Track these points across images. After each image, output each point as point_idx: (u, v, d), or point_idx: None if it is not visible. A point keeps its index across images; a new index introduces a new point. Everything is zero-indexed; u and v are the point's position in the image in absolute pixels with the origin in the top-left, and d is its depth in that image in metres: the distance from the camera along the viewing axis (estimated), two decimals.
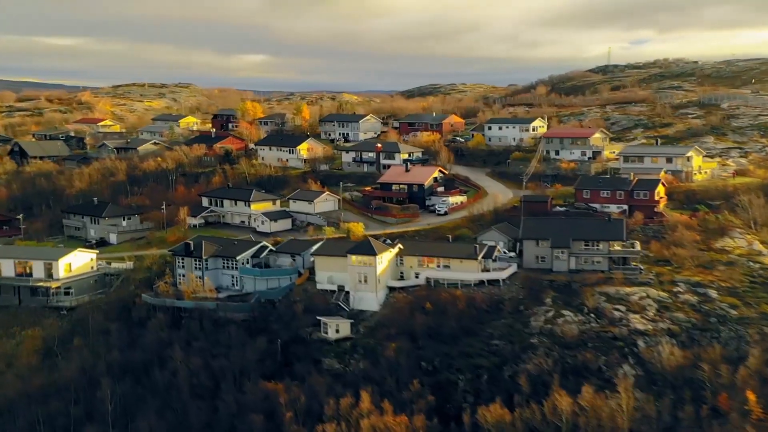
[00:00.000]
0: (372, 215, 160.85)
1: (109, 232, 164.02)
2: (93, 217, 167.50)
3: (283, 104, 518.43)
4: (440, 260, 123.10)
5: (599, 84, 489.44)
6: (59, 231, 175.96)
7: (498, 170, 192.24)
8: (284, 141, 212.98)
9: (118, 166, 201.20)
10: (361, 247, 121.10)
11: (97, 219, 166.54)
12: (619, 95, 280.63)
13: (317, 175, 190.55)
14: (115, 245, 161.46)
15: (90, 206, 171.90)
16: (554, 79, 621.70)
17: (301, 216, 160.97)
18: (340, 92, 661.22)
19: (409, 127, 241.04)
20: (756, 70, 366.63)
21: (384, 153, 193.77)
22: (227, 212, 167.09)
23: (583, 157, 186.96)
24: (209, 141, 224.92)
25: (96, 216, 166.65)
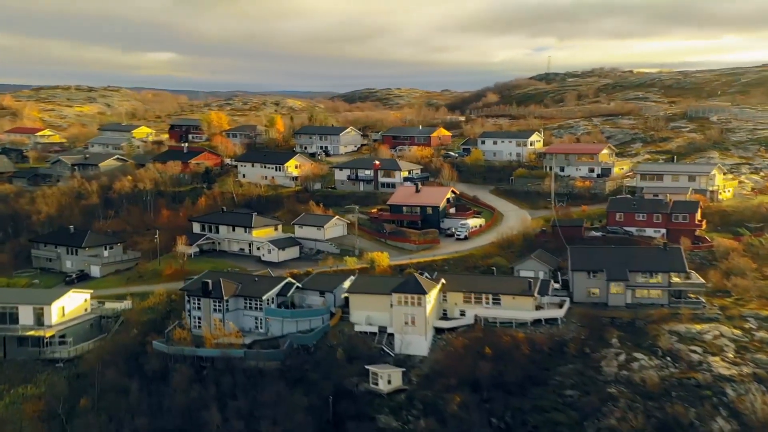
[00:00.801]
0: (386, 241, 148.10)
1: (91, 263, 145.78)
2: (70, 248, 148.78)
3: (226, 110, 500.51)
4: (489, 296, 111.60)
5: (554, 93, 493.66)
6: (26, 263, 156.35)
7: (502, 188, 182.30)
8: (269, 157, 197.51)
9: (89, 188, 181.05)
10: (407, 284, 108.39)
11: (74, 249, 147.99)
12: (603, 107, 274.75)
13: (312, 195, 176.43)
14: (98, 279, 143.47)
15: (65, 234, 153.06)
16: (500, 87, 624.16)
17: (309, 243, 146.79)
18: (254, 93, 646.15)
19: (394, 140, 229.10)
20: (716, 81, 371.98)
21: (382, 170, 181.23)
22: (223, 239, 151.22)
23: (591, 173, 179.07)
24: (181, 156, 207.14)
25: (74, 246, 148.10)
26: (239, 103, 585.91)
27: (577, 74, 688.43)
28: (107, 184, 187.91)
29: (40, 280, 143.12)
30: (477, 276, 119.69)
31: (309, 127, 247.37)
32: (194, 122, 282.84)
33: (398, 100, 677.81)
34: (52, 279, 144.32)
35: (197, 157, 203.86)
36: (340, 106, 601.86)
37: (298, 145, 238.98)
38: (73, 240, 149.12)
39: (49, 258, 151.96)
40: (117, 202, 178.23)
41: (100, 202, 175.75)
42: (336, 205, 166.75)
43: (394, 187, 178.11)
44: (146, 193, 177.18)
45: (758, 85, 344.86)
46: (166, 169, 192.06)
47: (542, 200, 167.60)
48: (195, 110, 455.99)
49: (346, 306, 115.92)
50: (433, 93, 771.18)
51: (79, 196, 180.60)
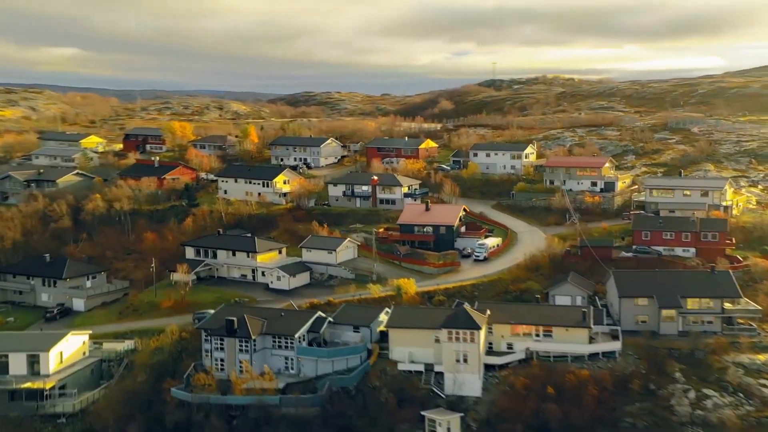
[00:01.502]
0: (401, 263, 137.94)
1: (73, 296, 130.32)
2: (47, 279, 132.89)
3: (165, 114, 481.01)
4: (540, 328, 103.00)
5: (511, 101, 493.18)
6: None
7: (505, 203, 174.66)
8: (254, 172, 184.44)
9: (59, 209, 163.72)
10: (458, 319, 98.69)
11: (52, 280, 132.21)
12: (585, 118, 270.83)
13: (309, 213, 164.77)
14: (83, 313, 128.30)
15: (39, 263, 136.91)
16: (449, 94, 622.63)
17: (320, 267, 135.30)
18: (170, 91, 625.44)
19: (379, 152, 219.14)
20: (674, 92, 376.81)
21: (381, 186, 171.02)
22: (222, 265, 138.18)
23: (594, 188, 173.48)
24: (153, 171, 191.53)
25: (52, 276, 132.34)
26: (179, 107, 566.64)
27: (522, 81, 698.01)
28: (74, 203, 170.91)
29: (14, 317, 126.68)
30: (524, 305, 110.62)
31: (285, 138, 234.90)
32: (153, 132, 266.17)
33: (344, 104, 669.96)
34: (27, 315, 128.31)
35: (172, 172, 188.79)
36: (285, 110, 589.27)
37: (273, 157, 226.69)
38: (50, 270, 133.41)
39: (20, 291, 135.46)
40: (89, 224, 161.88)
41: (72, 225, 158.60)
42: (336, 224, 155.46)
43: (394, 204, 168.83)
44: (123, 213, 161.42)
45: (715, 96, 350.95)
46: (141, 186, 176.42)
47: (551, 216, 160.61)
48: (133, 114, 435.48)
49: (381, 341, 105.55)
50: (374, 97, 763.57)
51: (45, 219, 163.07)
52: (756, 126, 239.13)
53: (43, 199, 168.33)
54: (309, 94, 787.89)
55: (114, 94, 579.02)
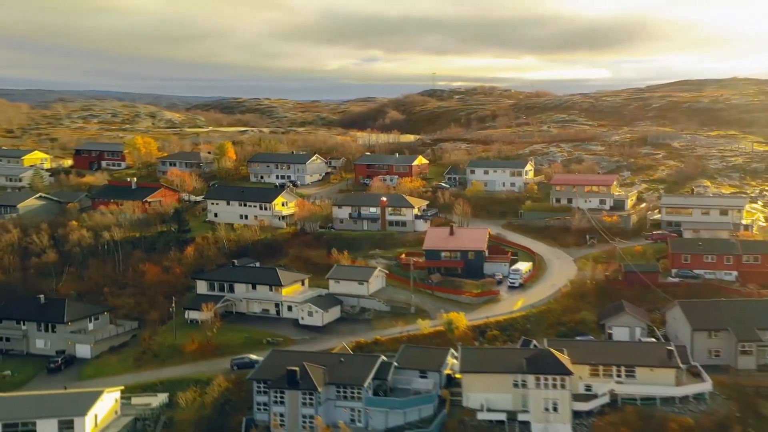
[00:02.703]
0: (434, 293, 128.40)
1: (77, 342, 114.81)
2: (44, 323, 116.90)
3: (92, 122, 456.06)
4: (622, 369, 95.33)
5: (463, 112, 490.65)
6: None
7: (516, 223, 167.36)
8: (249, 194, 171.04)
9: (39, 240, 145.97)
10: (545, 363, 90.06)
11: (50, 324, 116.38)
12: (568, 132, 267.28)
13: (317, 237, 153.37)
14: (89, 361, 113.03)
15: (32, 306, 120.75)
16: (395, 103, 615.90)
17: (351, 300, 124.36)
18: (57, 91, 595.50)
19: (368, 169, 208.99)
20: (629, 105, 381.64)
21: (390, 207, 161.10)
22: (241, 299, 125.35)
23: (602, 206, 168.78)
24: (130, 194, 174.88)
25: (49, 320, 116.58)
26: (106, 115, 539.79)
27: (462, 92, 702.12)
28: (50, 232, 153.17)
29: (9, 369, 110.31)
30: (601, 343, 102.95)
31: (265, 155, 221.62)
32: (110, 147, 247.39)
33: (276, 111, 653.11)
34: (24, 366, 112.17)
35: (154, 195, 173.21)
36: (221, 118, 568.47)
37: (252, 174, 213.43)
38: (46, 312, 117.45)
39: (8, 337, 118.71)
40: (75, 256, 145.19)
41: (58, 258, 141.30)
42: (350, 250, 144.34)
43: (404, 226, 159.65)
44: (112, 243, 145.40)
45: (669, 110, 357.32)
46: (124, 211, 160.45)
47: (569, 237, 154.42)
48: (54, 123, 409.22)
49: (449, 385, 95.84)
50: (306, 104, 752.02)
51: (24, 252, 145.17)
52: (729, 141, 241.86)
53: (15, 230, 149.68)
54: (237, 100, 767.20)
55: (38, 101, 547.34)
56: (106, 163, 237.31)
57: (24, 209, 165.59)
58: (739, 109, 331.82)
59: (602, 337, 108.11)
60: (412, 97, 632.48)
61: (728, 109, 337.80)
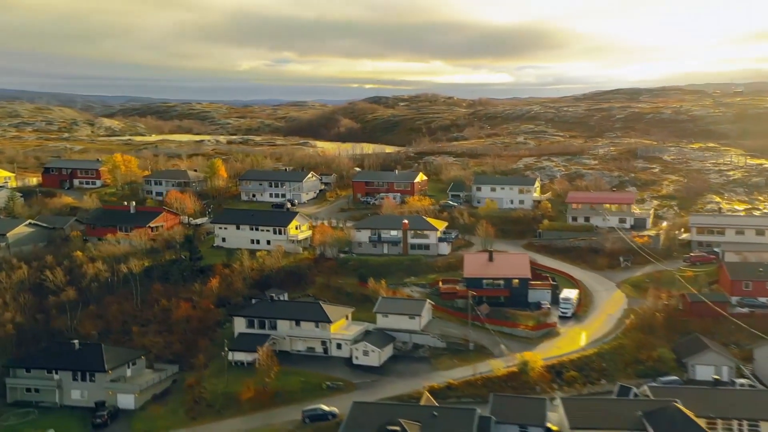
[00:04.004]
0: (484, 325, 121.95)
1: (119, 392, 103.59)
2: (81, 372, 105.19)
3: (26, 131, 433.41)
4: (744, 423, 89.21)
5: (420, 121, 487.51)
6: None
7: (536, 243, 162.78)
8: (260, 217, 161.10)
9: (56, 277, 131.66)
10: (673, 420, 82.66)
11: (90, 373, 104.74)
12: (555, 146, 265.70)
13: (342, 264, 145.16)
14: (135, 412, 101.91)
15: (65, 352, 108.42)
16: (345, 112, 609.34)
17: (402, 335, 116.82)
18: None
19: (366, 186, 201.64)
20: (594, 116, 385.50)
21: (412, 230, 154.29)
22: (284, 336, 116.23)
23: (623, 224, 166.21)
24: (130, 219, 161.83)
25: (88, 369, 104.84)
26: (40, 122, 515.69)
27: (405, 99, 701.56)
28: (54, 263, 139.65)
29: (53, 426, 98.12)
30: (716, 391, 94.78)
31: (257, 172, 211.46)
32: (84, 164, 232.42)
33: (209, 116, 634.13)
34: (65, 422, 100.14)
35: (156, 220, 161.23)
36: (162, 125, 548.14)
37: (243, 193, 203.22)
38: (82, 360, 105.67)
39: (37, 388, 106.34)
40: (92, 291, 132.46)
41: (77, 296, 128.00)
42: (379, 277, 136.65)
43: (427, 249, 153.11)
44: (131, 276, 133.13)
45: (635, 120, 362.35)
46: (132, 239, 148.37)
47: (599, 258, 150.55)
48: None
49: None
50: (239, 108, 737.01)
51: (39, 289, 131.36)
52: (716, 154, 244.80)
53: (24, 264, 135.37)
54: (167, 104, 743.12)
55: None
56: (79, 182, 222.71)
57: (13, 238, 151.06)
58: (705, 121, 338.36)
59: (685, 377, 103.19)
60: (359, 104, 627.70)
61: (693, 120, 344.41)
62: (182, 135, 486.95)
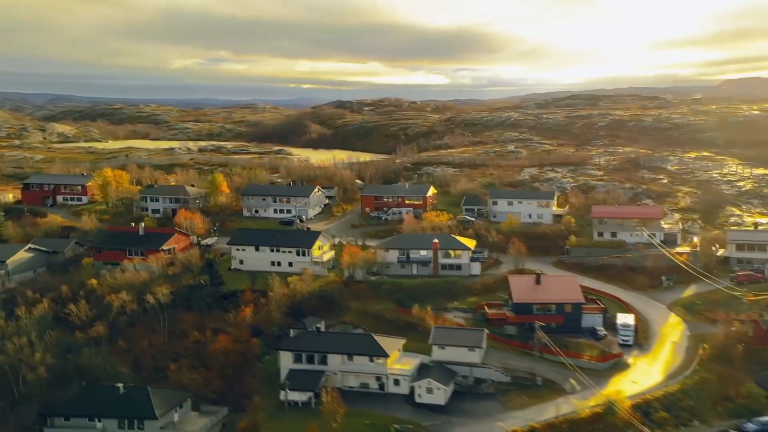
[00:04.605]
0: (541, 355, 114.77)
1: None
2: (128, 419, 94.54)
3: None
4: None
5: (395, 127, 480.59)
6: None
7: (567, 261, 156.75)
8: (280, 238, 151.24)
9: (81, 312, 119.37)
10: None
11: (138, 421, 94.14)
12: (556, 156, 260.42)
13: (375, 287, 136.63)
14: None
15: (109, 397, 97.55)
16: (311, 116, 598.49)
17: (462, 369, 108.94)
18: None
19: (377, 201, 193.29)
20: (576, 124, 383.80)
21: (442, 250, 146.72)
22: (336, 372, 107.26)
23: (652, 240, 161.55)
24: (140, 242, 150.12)
25: (137, 416, 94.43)
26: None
27: (369, 103, 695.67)
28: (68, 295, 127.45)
29: None
30: None
31: (260, 187, 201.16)
32: (68, 180, 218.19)
33: (159, 118, 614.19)
34: None
35: (169, 242, 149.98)
36: (117, 130, 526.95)
37: (245, 208, 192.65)
38: (129, 405, 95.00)
39: None
40: (120, 325, 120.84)
41: (107, 331, 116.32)
42: (414, 300, 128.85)
43: (459, 269, 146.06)
44: (159, 306, 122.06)
45: (618, 128, 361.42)
46: (150, 264, 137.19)
47: (638, 277, 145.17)
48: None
49: None
50: (190, 111, 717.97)
51: (62, 324, 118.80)
52: (717, 164, 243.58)
53: (43, 297, 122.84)
54: (112, 106, 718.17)
55: None
56: (63, 198, 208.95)
57: (13, 265, 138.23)
58: (689, 129, 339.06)
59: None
60: (325, 109, 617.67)
61: (676, 128, 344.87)
62: (141, 141, 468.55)
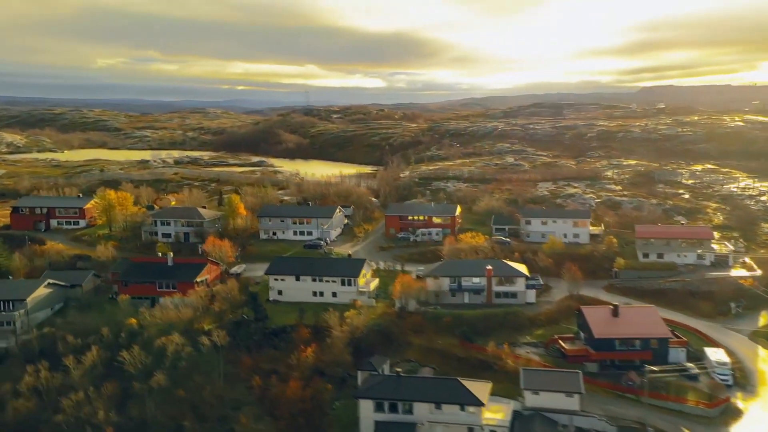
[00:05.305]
0: (639, 398, 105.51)
1: None
2: None
3: None
4: None
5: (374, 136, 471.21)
6: None
7: (619, 285, 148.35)
8: (322, 266, 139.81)
9: (133, 358, 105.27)
10: None
11: None
12: (566, 170, 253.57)
13: (431, 320, 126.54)
14: None
15: None
16: (284, 125, 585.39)
17: (560, 417, 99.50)
18: None
19: (402, 221, 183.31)
20: (567, 134, 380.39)
21: (496, 277, 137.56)
22: (423, 422, 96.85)
23: (702, 261, 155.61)
24: (170, 273, 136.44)
25: None
26: None
27: (336, 110, 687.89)
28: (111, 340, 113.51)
29: None
30: None
31: (278, 208, 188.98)
32: (64, 202, 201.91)
33: (107, 124, 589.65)
34: None
35: (202, 273, 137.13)
36: (71, 139, 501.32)
37: (262, 231, 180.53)
38: None
39: None
40: (177, 372, 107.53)
41: (168, 379, 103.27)
42: (476, 334, 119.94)
43: (515, 297, 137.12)
44: (215, 348, 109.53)
45: (607, 139, 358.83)
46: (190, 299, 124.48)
47: (702, 303, 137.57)
48: None
49: None
50: (138, 116, 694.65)
51: (114, 372, 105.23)
52: (727, 177, 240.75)
53: (95, 347, 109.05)
54: (52, 110, 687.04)
55: None
56: (58, 222, 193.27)
57: (31, 303, 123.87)
58: (680, 140, 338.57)
59: None
60: (296, 117, 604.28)
61: (668, 140, 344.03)
62: (104, 151, 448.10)
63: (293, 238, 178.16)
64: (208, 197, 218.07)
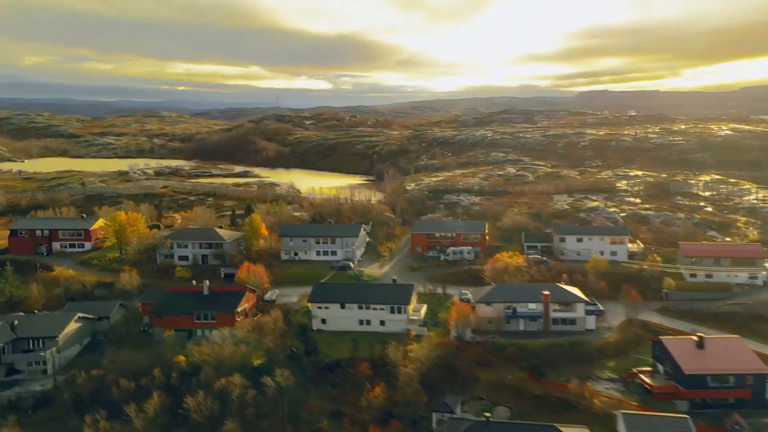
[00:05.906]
0: None
1: None
2: None
3: None
4: None
5: (358, 144, 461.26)
6: None
7: (674, 308, 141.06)
8: (367, 293, 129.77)
9: (198, 404, 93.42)
10: None
11: None
12: (581, 182, 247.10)
13: (491, 350, 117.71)
14: None
15: None
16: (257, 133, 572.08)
17: None
18: None
19: (429, 240, 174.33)
20: (559, 143, 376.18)
21: (554, 303, 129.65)
22: None
23: (754, 280, 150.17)
24: (207, 303, 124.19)
25: None
26: None
27: (306, 115, 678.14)
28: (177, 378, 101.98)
29: None
30: None
31: (300, 227, 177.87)
32: (67, 223, 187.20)
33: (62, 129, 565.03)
34: None
35: (241, 302, 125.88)
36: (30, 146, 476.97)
37: (283, 252, 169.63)
38: None
39: None
40: (244, 417, 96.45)
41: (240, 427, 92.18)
42: (544, 367, 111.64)
43: (573, 324, 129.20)
44: (278, 389, 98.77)
45: (600, 149, 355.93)
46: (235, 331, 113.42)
47: None
48: None
49: None
50: (95, 121, 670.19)
51: (177, 418, 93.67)
52: (745, 189, 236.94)
53: (157, 392, 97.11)
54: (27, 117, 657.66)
55: None
56: (61, 245, 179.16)
57: (62, 339, 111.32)
58: (675, 149, 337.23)
59: None
60: (270, 124, 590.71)
61: (661, 148, 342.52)
62: (69, 161, 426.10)
63: (316, 259, 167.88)
64: (217, 214, 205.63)
